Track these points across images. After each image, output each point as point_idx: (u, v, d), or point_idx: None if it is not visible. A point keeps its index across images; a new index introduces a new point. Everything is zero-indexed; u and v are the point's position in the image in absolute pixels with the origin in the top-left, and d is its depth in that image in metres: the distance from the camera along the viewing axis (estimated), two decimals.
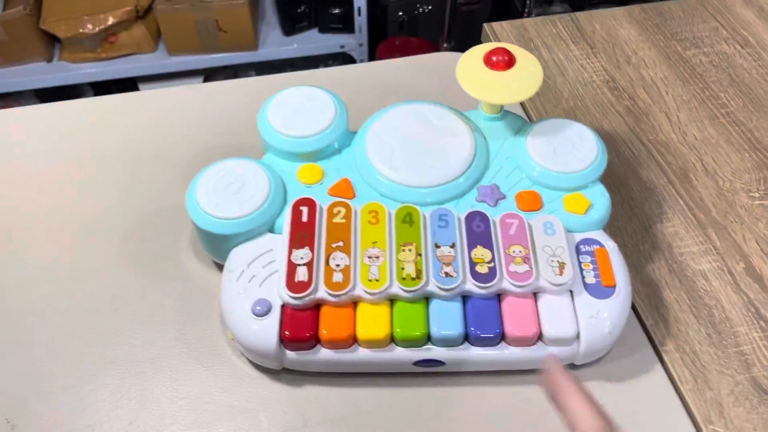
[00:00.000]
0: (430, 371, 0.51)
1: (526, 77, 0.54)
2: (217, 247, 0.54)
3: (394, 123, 0.57)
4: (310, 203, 0.53)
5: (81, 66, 1.56)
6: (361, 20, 1.60)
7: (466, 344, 0.49)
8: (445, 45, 1.65)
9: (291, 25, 1.63)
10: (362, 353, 0.49)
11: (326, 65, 1.77)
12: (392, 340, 0.49)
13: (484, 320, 0.49)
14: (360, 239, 0.51)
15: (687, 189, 0.63)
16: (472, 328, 0.48)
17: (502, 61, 0.54)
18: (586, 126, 0.57)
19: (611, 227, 0.60)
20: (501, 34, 0.79)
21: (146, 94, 0.74)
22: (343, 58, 1.76)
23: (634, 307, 0.55)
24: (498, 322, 0.49)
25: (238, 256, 0.52)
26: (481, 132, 0.58)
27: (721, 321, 0.54)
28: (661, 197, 0.62)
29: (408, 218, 0.52)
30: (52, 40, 1.56)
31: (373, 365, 0.50)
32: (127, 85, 1.69)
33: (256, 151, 0.58)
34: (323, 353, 0.49)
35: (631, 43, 0.78)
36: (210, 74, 1.71)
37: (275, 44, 1.63)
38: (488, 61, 0.55)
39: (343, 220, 0.52)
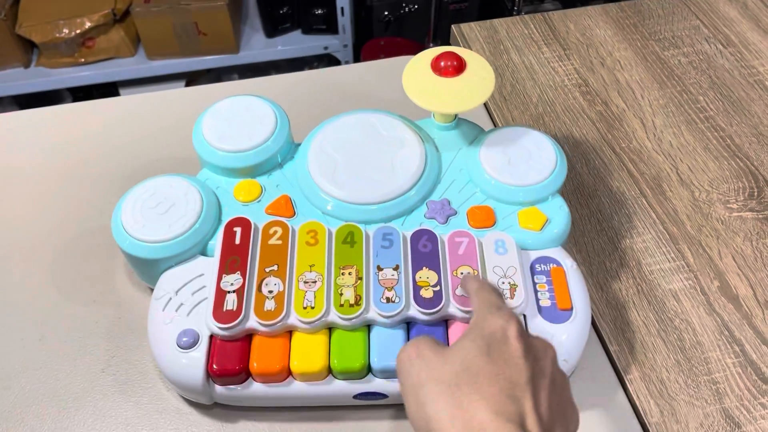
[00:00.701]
0: (371, 404, 0.47)
1: (477, 83, 0.50)
2: (146, 271, 0.50)
3: (340, 134, 0.54)
4: (244, 223, 0.49)
5: (59, 71, 1.53)
6: (344, 21, 1.56)
7: None
8: (431, 45, 1.61)
9: (273, 27, 1.59)
10: (297, 387, 0.45)
11: (311, 67, 1.73)
12: (330, 372, 0.45)
13: None
14: (296, 262, 0.47)
15: (660, 201, 0.59)
16: None
17: (451, 66, 0.50)
18: (544, 134, 0.53)
19: (577, 243, 0.56)
20: (470, 35, 0.75)
21: (88, 105, 0.70)
22: (328, 60, 1.72)
23: (597, 331, 0.51)
24: None
25: (166, 282, 0.48)
26: (434, 143, 0.54)
27: (692, 346, 0.50)
28: (632, 210, 0.58)
29: (349, 238, 0.48)
30: (30, 45, 1.52)
31: (309, 399, 0.46)
32: (109, 89, 1.66)
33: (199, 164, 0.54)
34: (255, 387, 0.45)
35: (606, 44, 0.74)
36: (192, 78, 1.67)
37: (258, 46, 1.60)
38: (436, 67, 0.51)
39: (279, 242, 0.48)
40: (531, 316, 0.46)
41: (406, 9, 1.64)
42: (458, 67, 0.50)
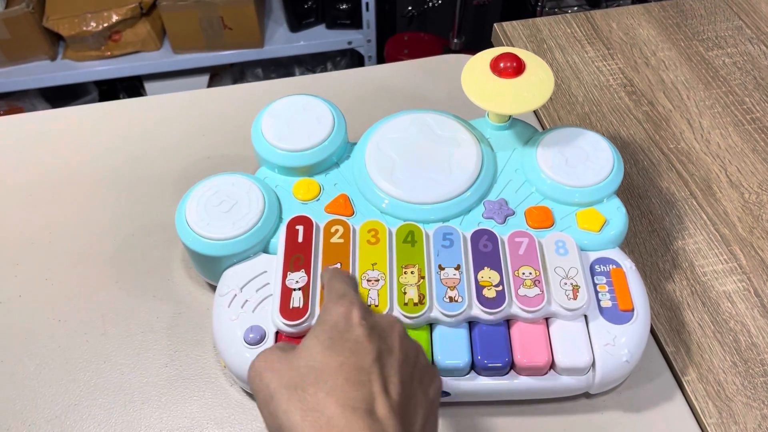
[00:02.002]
0: None
1: (536, 85, 0.50)
2: (208, 268, 0.51)
3: (396, 134, 0.54)
4: (306, 222, 0.50)
5: (85, 64, 1.54)
6: (368, 16, 1.56)
7: (473, 373, 0.46)
8: (455, 41, 1.61)
9: (297, 22, 1.59)
10: None
11: (334, 62, 1.73)
12: None
13: (491, 348, 0.45)
14: (359, 261, 0.48)
15: (710, 202, 0.59)
16: (479, 357, 0.45)
17: (511, 67, 0.50)
18: (600, 135, 0.53)
19: (629, 244, 0.56)
20: (512, 34, 0.75)
21: (138, 101, 0.71)
22: (351, 55, 1.73)
23: (653, 332, 0.52)
24: (507, 350, 0.45)
25: (230, 279, 0.49)
26: (488, 142, 0.54)
27: (748, 347, 0.50)
28: (683, 211, 0.59)
29: (410, 237, 0.49)
30: (56, 38, 1.53)
31: None
32: (133, 83, 1.66)
33: (254, 162, 0.55)
34: None
35: (650, 44, 0.74)
36: (216, 72, 1.68)
37: (282, 41, 1.60)
38: (495, 67, 0.51)
39: (341, 240, 0.49)
40: (593, 317, 0.46)
41: (430, 4, 1.65)
42: (518, 68, 0.51)
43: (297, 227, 0.50)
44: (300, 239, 0.49)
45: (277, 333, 0.46)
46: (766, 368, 0.49)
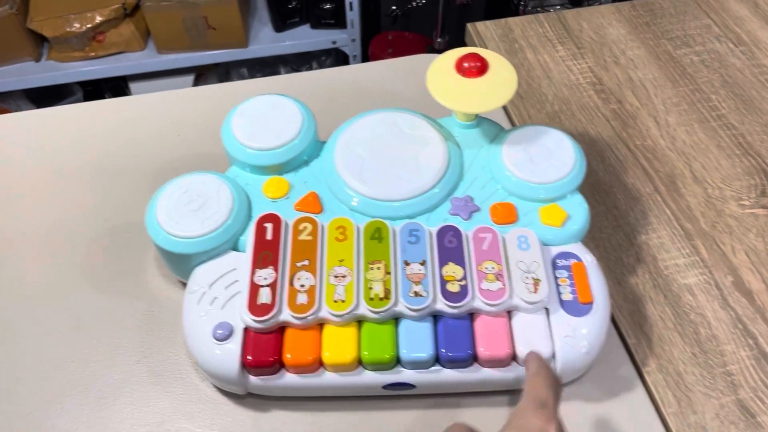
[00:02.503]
0: (400, 394, 0.49)
1: (499, 84, 0.52)
2: (179, 266, 0.52)
3: (364, 133, 0.55)
4: (275, 219, 0.51)
5: (70, 65, 1.54)
6: (352, 15, 1.57)
7: (438, 366, 0.47)
8: (438, 40, 1.62)
9: (282, 21, 1.60)
10: (329, 377, 0.47)
11: (319, 61, 1.74)
12: (360, 363, 0.47)
13: (455, 341, 0.46)
14: (326, 257, 0.49)
15: (674, 197, 0.60)
16: (443, 350, 0.46)
17: (474, 67, 0.52)
18: (564, 133, 0.54)
19: (594, 239, 0.57)
20: (485, 34, 0.76)
21: (115, 102, 0.71)
22: (336, 54, 1.73)
23: (616, 325, 0.53)
24: (470, 343, 0.46)
25: (199, 276, 0.50)
26: (456, 141, 0.56)
27: (707, 339, 0.52)
28: (647, 206, 0.60)
29: (377, 234, 0.50)
30: (40, 39, 1.53)
31: (340, 389, 0.48)
32: (118, 83, 1.67)
33: (226, 161, 0.56)
34: (288, 378, 0.47)
35: (619, 43, 0.75)
36: (201, 72, 1.68)
37: (266, 41, 1.61)
38: (460, 67, 0.52)
39: (309, 237, 0.50)
40: (554, 310, 0.47)
41: (414, 4, 1.66)
42: (481, 67, 0.52)
43: (266, 225, 0.51)
44: (269, 236, 0.50)
45: (245, 329, 0.47)
46: (725, 359, 0.50)
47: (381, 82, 0.72)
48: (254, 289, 0.47)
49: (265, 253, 0.49)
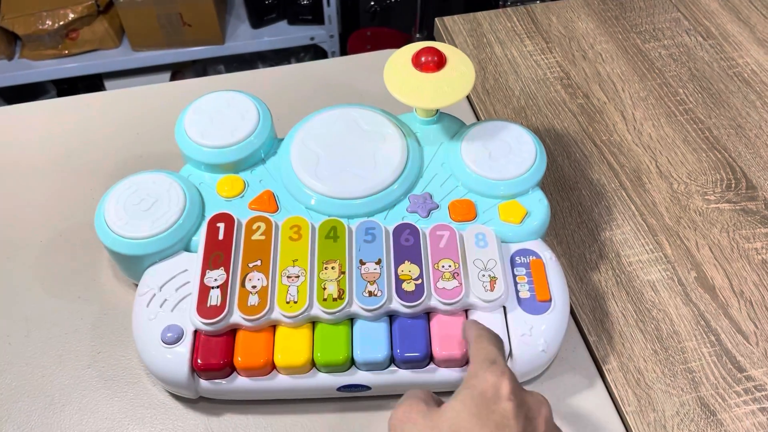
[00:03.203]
0: (356, 395, 0.48)
1: (456, 79, 0.51)
2: (130, 267, 0.50)
3: (322, 129, 0.54)
4: (227, 219, 0.50)
5: (43, 63, 1.52)
6: (330, 11, 1.56)
7: (393, 367, 0.46)
8: (417, 35, 1.61)
9: (259, 18, 1.58)
10: (281, 380, 0.46)
11: (297, 58, 1.73)
12: (314, 365, 0.46)
13: (410, 341, 0.45)
14: (280, 257, 0.48)
15: (639, 193, 0.60)
16: (398, 351, 0.45)
17: (432, 62, 0.51)
18: (524, 128, 0.53)
19: (557, 235, 0.57)
20: (453, 28, 0.75)
21: (73, 99, 0.70)
22: (315, 51, 1.72)
23: (577, 322, 0.52)
24: (425, 342, 0.45)
25: (150, 278, 0.48)
26: (416, 137, 0.55)
27: (669, 336, 0.51)
28: (612, 202, 0.59)
29: (332, 233, 0.49)
30: (13, 37, 1.51)
31: (293, 392, 0.47)
32: (94, 81, 1.65)
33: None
34: (240, 381, 0.46)
35: (588, 37, 0.74)
36: (178, 69, 1.67)
37: (244, 37, 1.59)
38: (417, 62, 0.51)
39: (263, 237, 0.49)
40: (511, 308, 0.46)
41: None
42: (438, 62, 0.51)
43: (218, 225, 0.49)
44: (221, 237, 0.49)
45: (195, 332, 0.46)
46: (686, 356, 0.50)
47: (353, 78, 0.71)
48: (204, 290, 0.46)
49: (217, 254, 0.48)
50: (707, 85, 0.69)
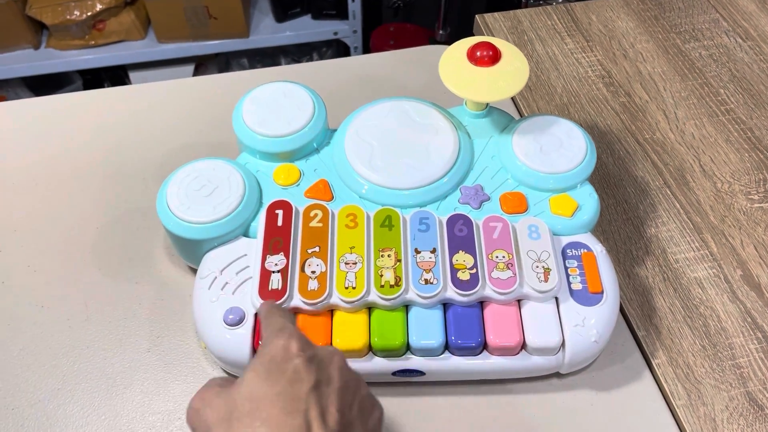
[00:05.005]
0: (409, 381, 0.48)
1: (511, 73, 0.51)
2: (189, 251, 0.51)
3: (375, 121, 0.55)
4: (285, 206, 0.50)
5: (69, 53, 1.53)
6: (354, 6, 1.57)
7: (447, 353, 0.47)
8: (440, 32, 1.62)
9: (283, 12, 1.59)
10: None
11: (320, 52, 1.74)
12: (370, 349, 0.47)
13: (465, 329, 0.46)
14: (337, 244, 0.49)
15: (684, 191, 0.60)
16: (453, 338, 0.46)
17: (487, 56, 0.51)
18: (574, 123, 0.54)
19: (604, 231, 0.57)
20: (494, 26, 0.76)
21: (120, 90, 0.71)
22: (337, 45, 1.73)
23: (625, 316, 0.53)
24: (480, 331, 0.46)
25: (210, 262, 0.49)
26: (466, 130, 0.55)
27: (717, 332, 0.52)
28: (657, 199, 0.60)
29: (387, 222, 0.50)
30: (40, 26, 1.52)
31: None
32: (118, 72, 1.66)
33: (236, 148, 0.55)
34: None
35: (628, 36, 0.75)
36: (201, 62, 1.68)
37: (267, 31, 1.60)
38: (472, 56, 0.52)
39: (320, 224, 0.50)
40: (563, 299, 0.47)
41: None
42: (494, 56, 0.52)
43: (277, 211, 0.50)
44: (279, 223, 0.50)
45: (256, 315, 0.47)
46: (734, 352, 0.51)
47: (385, 73, 0.72)
48: (265, 274, 0.47)
49: (276, 239, 0.49)
50: (747, 86, 0.70)
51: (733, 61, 0.72)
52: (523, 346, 0.47)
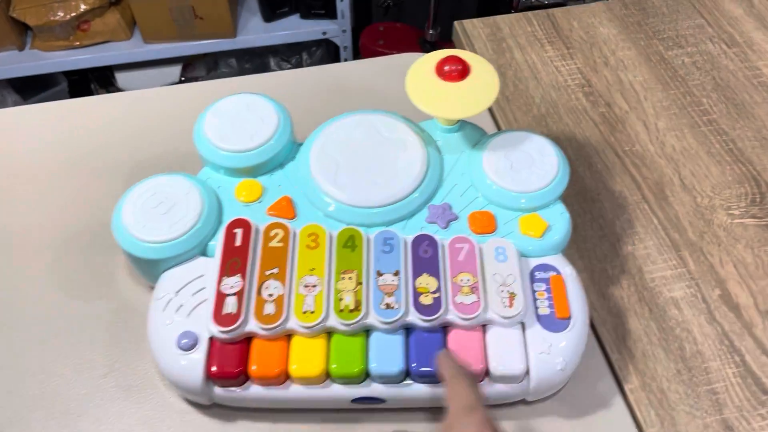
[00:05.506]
0: (369, 408, 0.47)
1: (480, 88, 0.50)
2: (146, 271, 0.50)
3: (342, 135, 0.53)
4: (244, 225, 0.49)
5: (54, 54, 1.51)
6: (343, 6, 1.54)
7: (409, 380, 0.45)
8: (431, 32, 1.59)
9: (271, 11, 1.57)
10: (295, 390, 0.45)
11: (309, 52, 1.72)
12: (328, 376, 0.45)
13: (427, 355, 0.45)
14: (297, 266, 0.47)
15: (662, 206, 0.59)
16: (414, 365, 0.44)
17: (455, 70, 0.50)
18: (548, 139, 0.52)
19: (579, 249, 0.56)
20: (472, 33, 0.74)
21: (86, 100, 0.69)
22: (326, 45, 1.71)
23: (599, 339, 0.51)
24: None
25: (166, 282, 0.48)
26: (436, 145, 0.54)
27: (693, 355, 0.50)
28: (634, 215, 0.58)
29: (350, 242, 0.48)
30: (24, 27, 1.50)
31: (307, 403, 0.46)
32: (105, 73, 1.64)
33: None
34: (254, 390, 0.45)
35: (609, 43, 0.73)
36: (189, 62, 1.65)
37: (255, 31, 1.58)
38: (440, 70, 0.50)
39: (280, 244, 0.48)
40: (530, 324, 0.46)
41: None
42: (462, 71, 0.50)
43: (235, 230, 0.49)
44: (238, 243, 0.48)
45: (211, 339, 0.45)
46: (710, 376, 0.49)
47: (369, 81, 0.70)
48: (220, 297, 0.45)
49: (234, 260, 0.47)
50: (731, 95, 0.68)
51: (717, 69, 0.70)
52: (487, 373, 0.45)
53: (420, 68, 0.51)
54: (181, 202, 0.49)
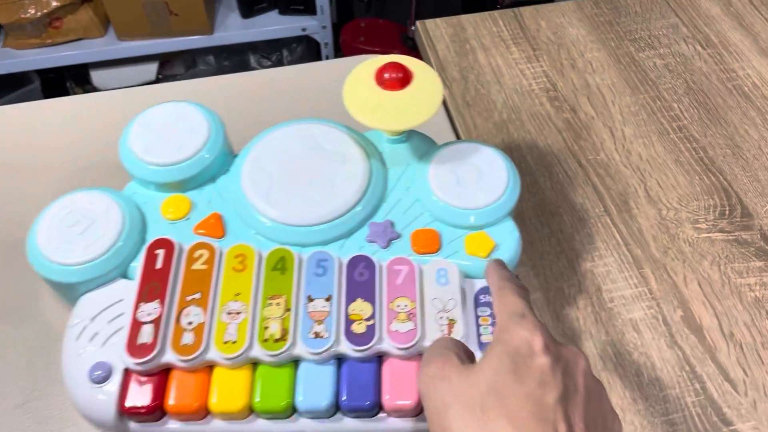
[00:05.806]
0: None
1: (422, 97, 0.46)
2: (65, 294, 0.46)
3: (277, 147, 0.50)
4: (167, 245, 0.45)
5: (27, 53, 1.47)
6: (322, 1, 1.51)
7: (339, 415, 0.42)
8: (413, 28, 1.55)
9: (249, 7, 1.53)
10: (216, 426, 0.42)
11: (289, 49, 1.68)
12: (252, 411, 0.42)
13: (358, 388, 0.41)
14: (221, 290, 0.44)
15: (625, 219, 0.55)
16: (344, 398, 0.41)
17: (396, 78, 0.46)
18: (498, 151, 0.49)
19: (534, 266, 0.52)
20: (434, 33, 0.71)
21: (15, 107, 0.66)
22: (307, 42, 1.67)
23: None
24: (374, 390, 0.41)
25: (82, 308, 0.44)
26: (381, 157, 0.50)
27: (650, 382, 0.46)
28: (595, 229, 0.55)
29: (280, 264, 0.45)
30: None
31: None
32: (80, 71, 1.60)
33: None
34: (171, 425, 0.42)
35: (578, 44, 0.69)
36: (166, 59, 1.62)
37: (233, 28, 1.54)
38: (380, 78, 0.46)
39: (204, 266, 0.45)
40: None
41: None
42: (403, 79, 0.46)
43: (157, 251, 0.45)
44: (159, 265, 0.44)
45: (125, 370, 0.42)
46: (668, 406, 0.45)
47: (329, 84, 0.66)
48: (136, 326, 0.42)
49: (153, 284, 0.44)
50: (704, 99, 0.64)
51: (690, 72, 0.66)
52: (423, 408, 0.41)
53: (359, 75, 0.48)
54: (100, 220, 0.46)
